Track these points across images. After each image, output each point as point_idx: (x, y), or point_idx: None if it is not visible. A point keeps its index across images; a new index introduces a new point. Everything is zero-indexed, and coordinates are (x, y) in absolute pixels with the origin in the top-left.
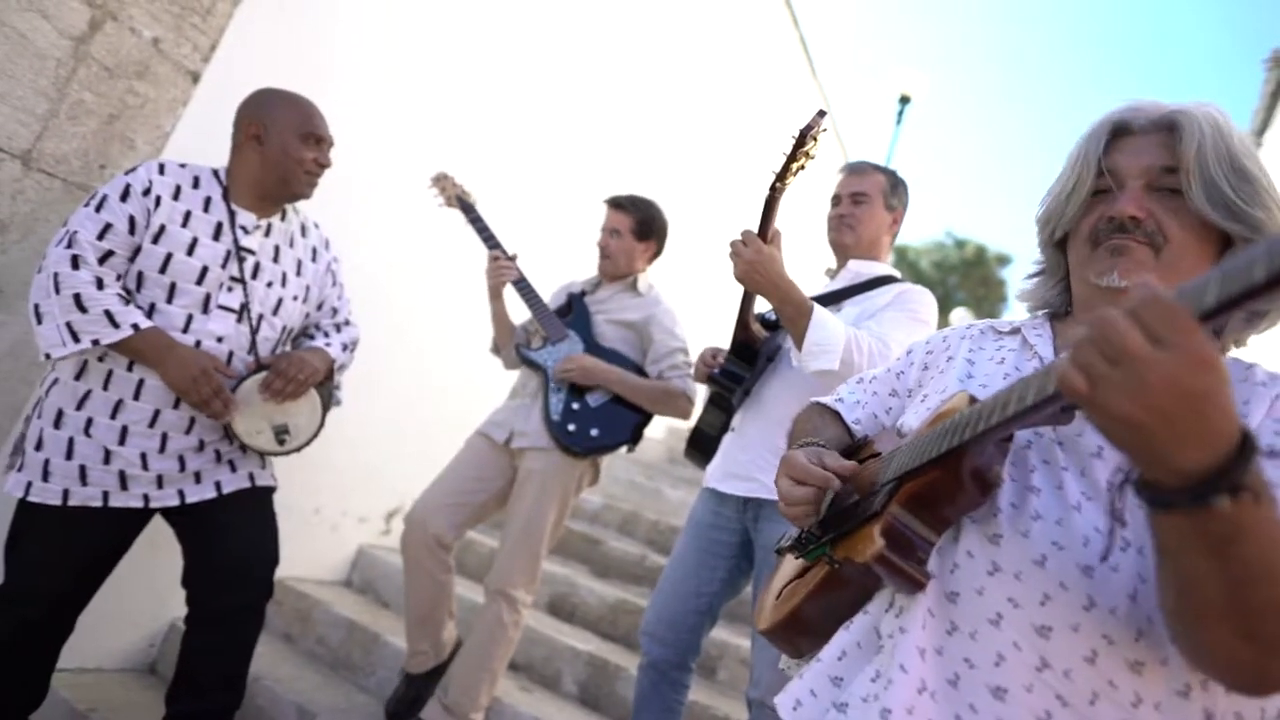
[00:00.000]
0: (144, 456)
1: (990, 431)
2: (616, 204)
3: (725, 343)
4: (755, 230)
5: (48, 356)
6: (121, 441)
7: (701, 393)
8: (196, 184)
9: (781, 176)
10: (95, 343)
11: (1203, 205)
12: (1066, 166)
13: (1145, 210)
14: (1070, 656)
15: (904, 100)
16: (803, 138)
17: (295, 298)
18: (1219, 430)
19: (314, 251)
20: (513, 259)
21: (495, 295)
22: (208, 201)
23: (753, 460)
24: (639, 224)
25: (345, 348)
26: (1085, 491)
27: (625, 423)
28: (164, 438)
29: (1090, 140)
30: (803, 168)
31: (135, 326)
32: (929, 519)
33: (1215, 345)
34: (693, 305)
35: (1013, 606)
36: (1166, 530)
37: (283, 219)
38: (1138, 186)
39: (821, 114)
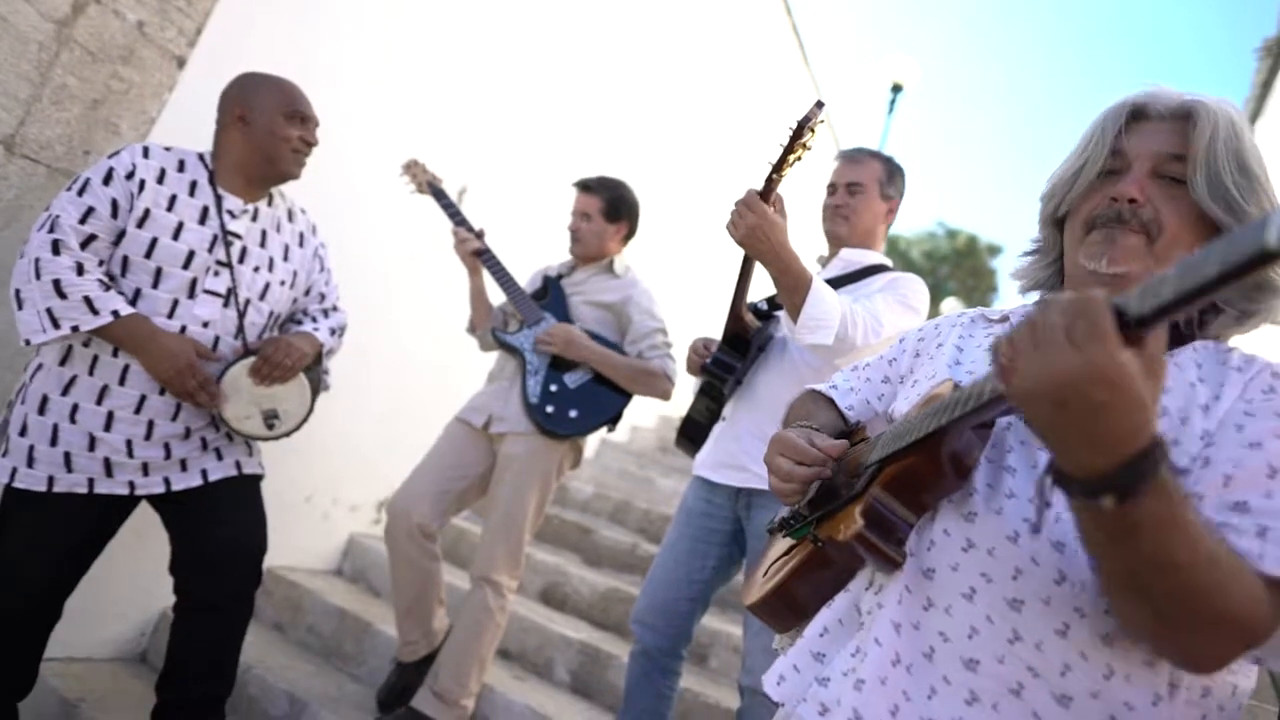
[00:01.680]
0: (129, 443)
1: (968, 416)
2: (585, 186)
3: (708, 328)
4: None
5: (28, 342)
6: (107, 428)
7: (692, 381)
8: (182, 168)
9: (778, 168)
10: (75, 329)
11: (1203, 195)
12: (1079, 144)
13: (1145, 195)
14: (1042, 629)
15: (896, 89)
16: (800, 129)
17: (283, 283)
18: (1114, 440)
19: (301, 237)
20: (478, 234)
21: (473, 271)
22: (194, 185)
23: (744, 450)
24: (608, 205)
25: (333, 332)
26: None
27: (604, 404)
28: (150, 424)
29: (1106, 120)
30: (799, 159)
31: (115, 313)
32: (909, 501)
33: (1129, 362)
34: (675, 290)
35: (986, 581)
36: (1073, 510)
37: (270, 204)
38: (1144, 170)
39: (819, 105)
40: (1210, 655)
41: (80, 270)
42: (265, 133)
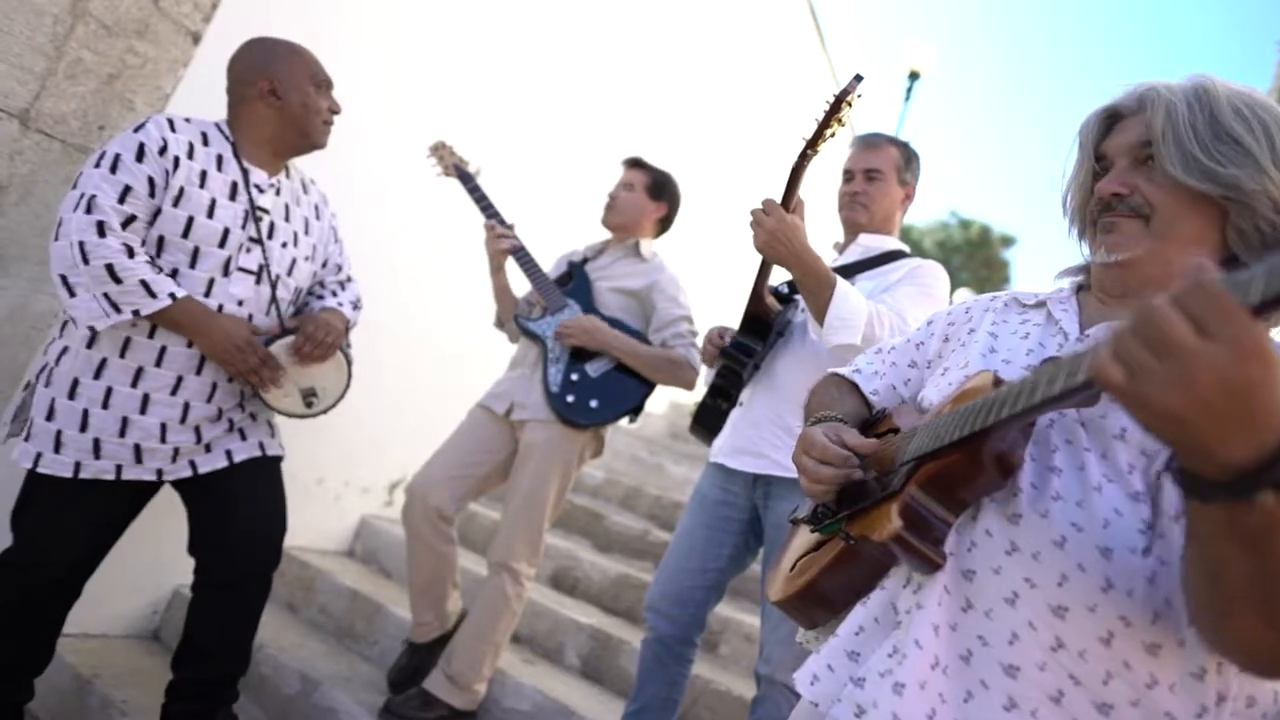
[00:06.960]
0: (164, 426)
1: (1015, 417)
2: (634, 162)
3: (729, 317)
4: (778, 199)
5: (92, 329)
6: (143, 410)
7: (706, 368)
8: (206, 140)
9: (813, 143)
10: (136, 314)
11: (1178, 171)
12: (1070, 155)
13: (1128, 186)
14: (1086, 637)
15: (913, 76)
16: (838, 103)
17: (307, 258)
18: (1266, 424)
19: (316, 209)
20: (510, 228)
21: (497, 269)
22: (220, 159)
23: (762, 436)
24: (654, 183)
25: (354, 306)
26: (1107, 473)
27: (626, 393)
28: (186, 406)
29: (1086, 128)
30: (834, 134)
31: (172, 296)
32: (947, 500)
33: (1265, 332)
34: (693, 277)
35: (1029, 586)
36: (1201, 519)
37: (287, 176)
38: (1123, 165)
39: (858, 78)
40: None
41: (131, 253)
42: (299, 106)
